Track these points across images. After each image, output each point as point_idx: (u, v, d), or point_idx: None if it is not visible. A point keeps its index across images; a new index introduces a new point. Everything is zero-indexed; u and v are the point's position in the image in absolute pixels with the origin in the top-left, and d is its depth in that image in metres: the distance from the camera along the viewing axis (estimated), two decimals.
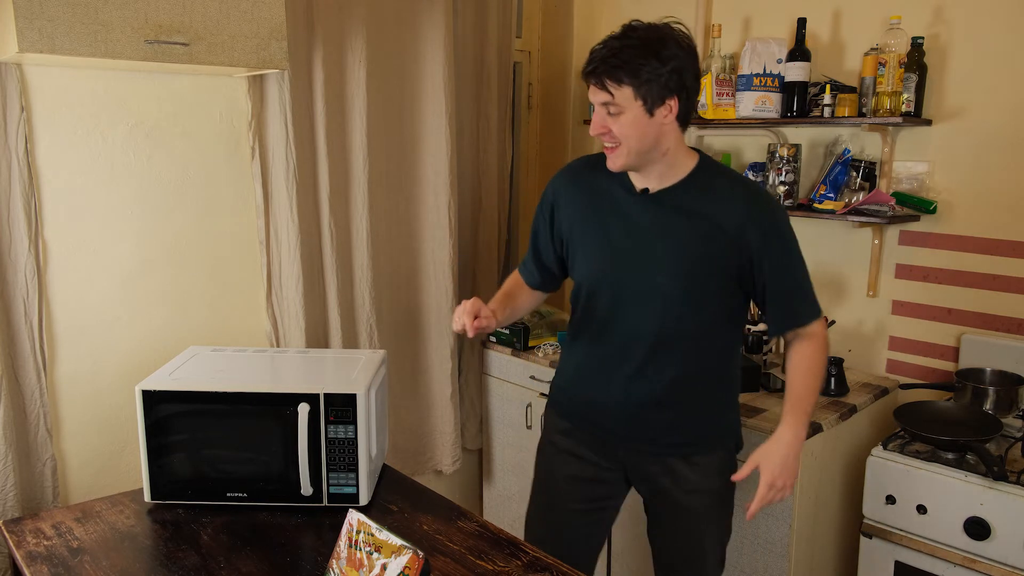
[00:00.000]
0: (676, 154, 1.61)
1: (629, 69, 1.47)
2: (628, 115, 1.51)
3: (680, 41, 1.52)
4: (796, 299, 1.67)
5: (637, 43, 1.48)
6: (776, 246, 1.63)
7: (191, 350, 1.81)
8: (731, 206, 1.60)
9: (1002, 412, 2.19)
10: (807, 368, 1.68)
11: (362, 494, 1.58)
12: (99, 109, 2.10)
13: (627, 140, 1.54)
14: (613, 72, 1.48)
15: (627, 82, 1.49)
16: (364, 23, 2.45)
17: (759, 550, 2.23)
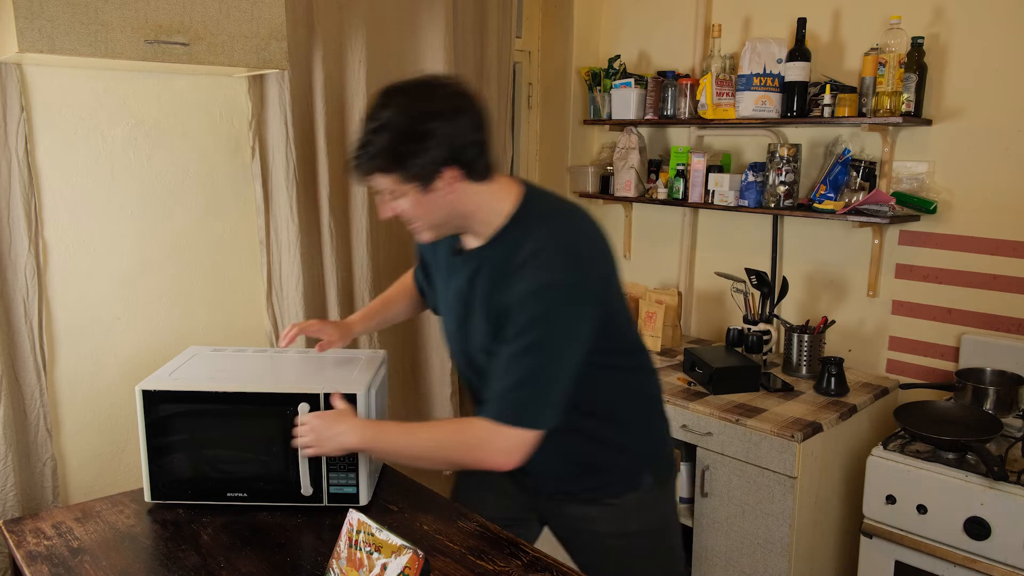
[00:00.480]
0: (486, 211, 1.41)
1: (385, 160, 1.33)
2: (407, 198, 1.37)
3: (440, 107, 1.33)
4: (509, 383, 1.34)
5: (389, 127, 1.32)
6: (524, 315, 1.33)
7: (191, 350, 1.81)
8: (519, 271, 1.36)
9: (1002, 412, 2.19)
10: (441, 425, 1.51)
11: (362, 494, 1.58)
12: (99, 109, 2.10)
13: (420, 220, 1.41)
14: (370, 167, 1.35)
15: (388, 172, 1.34)
16: (364, 23, 2.45)
17: (759, 550, 2.23)
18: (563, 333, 1.34)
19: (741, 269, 2.65)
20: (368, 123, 1.34)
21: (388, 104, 1.34)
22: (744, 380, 2.41)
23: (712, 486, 2.33)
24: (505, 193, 1.43)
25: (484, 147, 1.38)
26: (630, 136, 3.02)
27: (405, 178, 1.34)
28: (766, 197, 2.61)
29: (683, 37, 2.98)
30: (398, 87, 1.36)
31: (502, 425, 1.33)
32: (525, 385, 1.33)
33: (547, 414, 1.35)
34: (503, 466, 1.34)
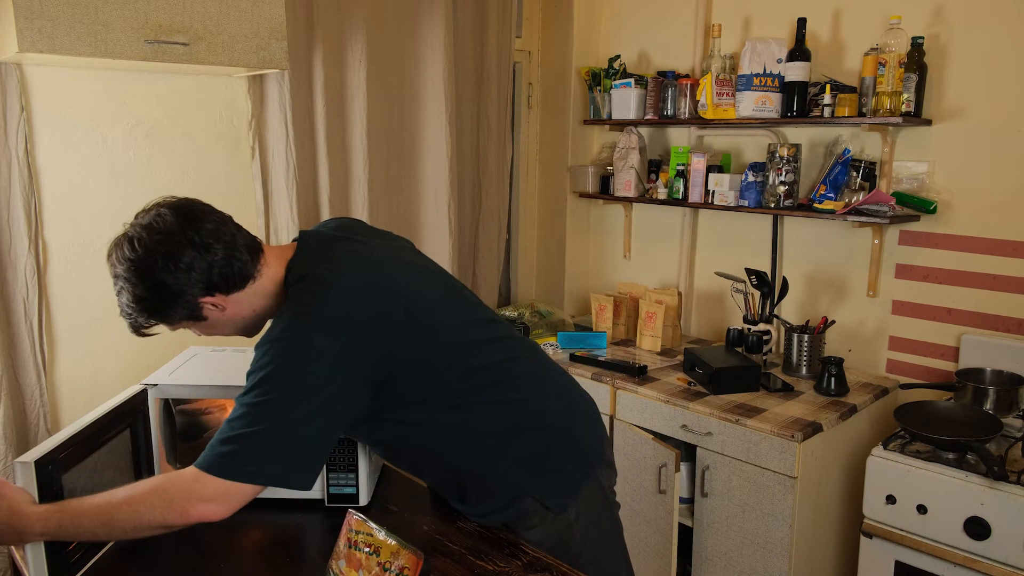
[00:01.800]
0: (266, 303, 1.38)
1: (145, 317, 1.31)
2: (195, 328, 1.37)
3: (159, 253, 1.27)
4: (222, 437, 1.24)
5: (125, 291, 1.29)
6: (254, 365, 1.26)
7: (191, 350, 1.81)
8: None
9: (1002, 412, 2.19)
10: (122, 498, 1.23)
11: (362, 494, 1.58)
12: (99, 109, 2.10)
13: (221, 335, 1.40)
14: (136, 328, 1.34)
15: (154, 324, 1.33)
16: (364, 23, 2.46)
17: (759, 550, 2.23)
18: (281, 383, 1.23)
19: (741, 269, 2.65)
20: (114, 283, 1.31)
21: (115, 265, 1.30)
22: (744, 380, 2.41)
23: (712, 486, 2.33)
24: (271, 282, 1.37)
25: (228, 260, 1.30)
26: (630, 136, 3.01)
27: (172, 323, 1.34)
28: (766, 197, 2.61)
29: (683, 37, 2.98)
30: (117, 240, 1.32)
31: (203, 474, 1.22)
32: (234, 434, 1.23)
33: (258, 470, 1.23)
34: (204, 518, 1.22)
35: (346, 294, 1.31)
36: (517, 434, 1.48)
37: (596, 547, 1.56)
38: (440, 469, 1.51)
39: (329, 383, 1.26)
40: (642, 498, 2.38)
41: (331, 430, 1.31)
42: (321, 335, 1.26)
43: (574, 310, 3.40)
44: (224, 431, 1.24)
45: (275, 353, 1.25)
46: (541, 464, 1.50)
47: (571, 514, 1.50)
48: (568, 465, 1.53)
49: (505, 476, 1.48)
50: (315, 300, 1.30)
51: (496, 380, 1.46)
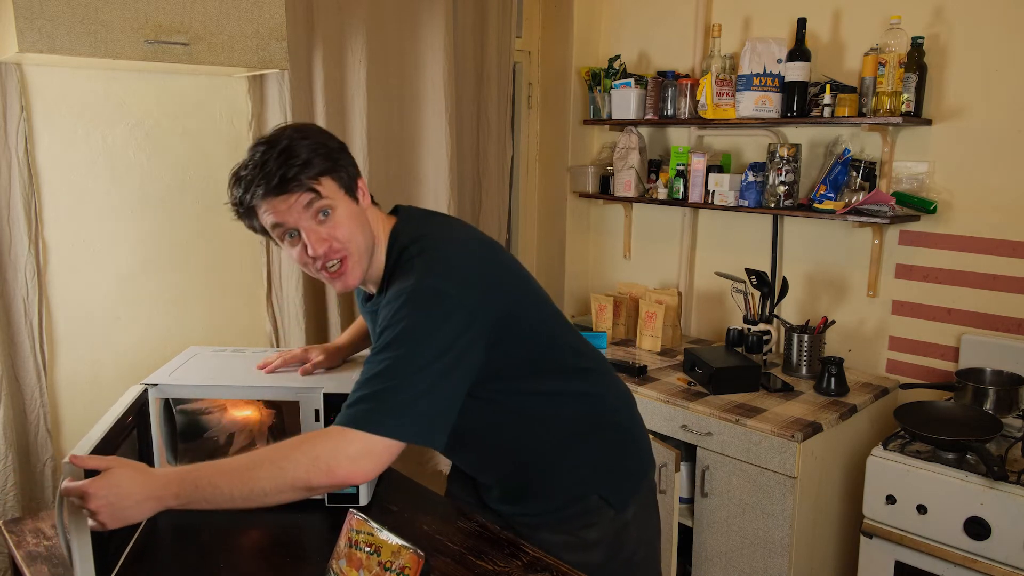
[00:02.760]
0: (379, 238, 1.38)
1: (323, 160, 1.27)
2: (342, 209, 1.29)
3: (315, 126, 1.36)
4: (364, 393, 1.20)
5: (301, 141, 1.27)
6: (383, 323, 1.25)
7: (191, 350, 1.80)
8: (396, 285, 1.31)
9: (1002, 412, 2.19)
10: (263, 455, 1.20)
11: (362, 494, 1.58)
12: (99, 109, 2.10)
13: (353, 241, 1.31)
14: (306, 168, 1.25)
15: (325, 173, 1.27)
16: (364, 23, 2.46)
17: (759, 550, 2.23)
18: (421, 336, 1.21)
19: (741, 269, 2.65)
20: (269, 150, 1.26)
21: (279, 134, 1.29)
22: (744, 380, 2.41)
23: (712, 486, 2.33)
24: (385, 224, 1.39)
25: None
26: (630, 136, 3.02)
27: (339, 182, 1.30)
28: (766, 197, 2.61)
29: (683, 37, 2.98)
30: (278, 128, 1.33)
31: (349, 430, 1.17)
32: (375, 389, 1.19)
33: (402, 424, 1.18)
34: (349, 477, 1.17)
35: (470, 250, 1.34)
36: (594, 430, 1.50)
37: (647, 547, 1.59)
38: (510, 464, 1.50)
39: (462, 335, 1.24)
40: None
41: (464, 386, 1.27)
42: (454, 286, 1.25)
43: (574, 310, 3.40)
44: (364, 386, 1.20)
45: (410, 307, 1.23)
46: (610, 462, 1.51)
47: (630, 513, 1.52)
48: (632, 464, 1.57)
49: (575, 472, 1.49)
50: (442, 254, 1.30)
51: (583, 370, 1.49)
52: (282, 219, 1.28)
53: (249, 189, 1.27)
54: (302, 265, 1.34)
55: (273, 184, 1.25)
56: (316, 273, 1.34)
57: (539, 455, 1.47)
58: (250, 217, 1.32)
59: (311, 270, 1.34)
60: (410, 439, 1.20)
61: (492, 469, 1.56)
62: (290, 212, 1.27)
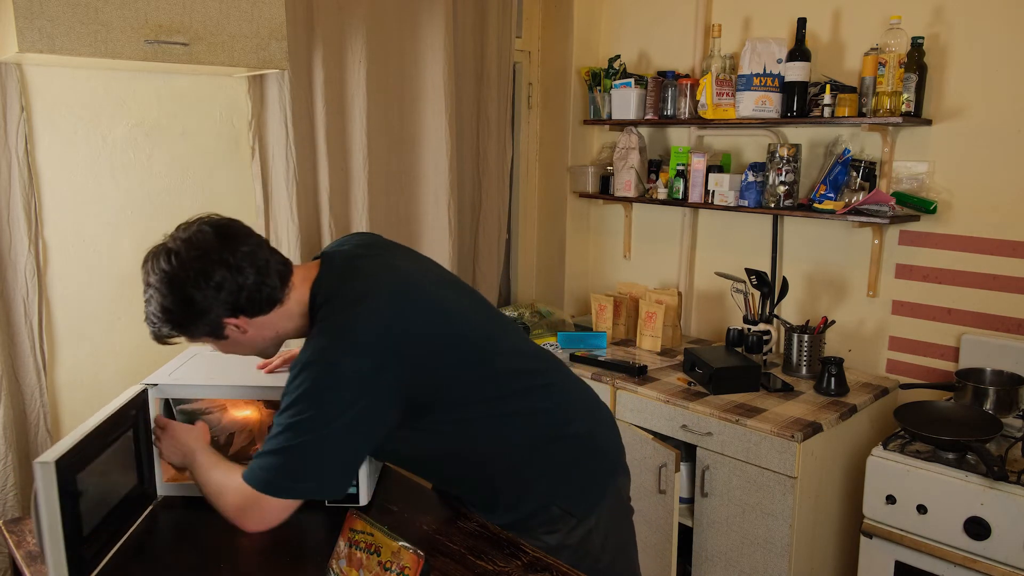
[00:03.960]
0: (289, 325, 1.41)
1: (169, 327, 1.34)
2: (217, 346, 1.41)
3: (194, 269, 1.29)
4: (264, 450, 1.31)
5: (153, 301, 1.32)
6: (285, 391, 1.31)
7: (191, 350, 1.80)
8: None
9: (1002, 412, 2.19)
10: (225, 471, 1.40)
11: (362, 494, 1.58)
12: (99, 109, 2.10)
13: (241, 354, 1.46)
14: (159, 338, 1.38)
15: (177, 335, 1.36)
16: (364, 23, 2.46)
17: (759, 550, 2.23)
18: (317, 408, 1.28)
19: (741, 269, 2.65)
20: (144, 290, 1.34)
21: (148, 273, 1.33)
22: (744, 380, 2.41)
23: (712, 486, 2.33)
24: (296, 304, 1.39)
25: (258, 285, 1.33)
26: (630, 136, 3.01)
27: (194, 338, 1.37)
28: (766, 197, 2.61)
29: (683, 37, 2.98)
30: (155, 251, 1.34)
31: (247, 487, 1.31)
32: (275, 452, 1.29)
33: (299, 486, 1.30)
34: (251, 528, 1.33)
35: (376, 313, 1.34)
36: (546, 444, 1.50)
37: (614, 552, 1.58)
38: (473, 479, 1.53)
39: (361, 399, 1.29)
40: (642, 498, 2.38)
41: (366, 444, 1.36)
42: (353, 357, 1.29)
43: (574, 310, 3.40)
44: (266, 445, 1.30)
45: (308, 375, 1.28)
46: (568, 472, 1.52)
47: (593, 520, 1.52)
48: (592, 473, 1.56)
49: (536, 485, 1.50)
50: (345, 320, 1.33)
51: (523, 390, 1.49)
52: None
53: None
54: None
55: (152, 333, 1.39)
56: None
57: (496, 471, 1.50)
58: None
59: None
60: (300, 497, 1.33)
61: (457, 485, 1.60)
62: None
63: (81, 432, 1.32)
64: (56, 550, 1.23)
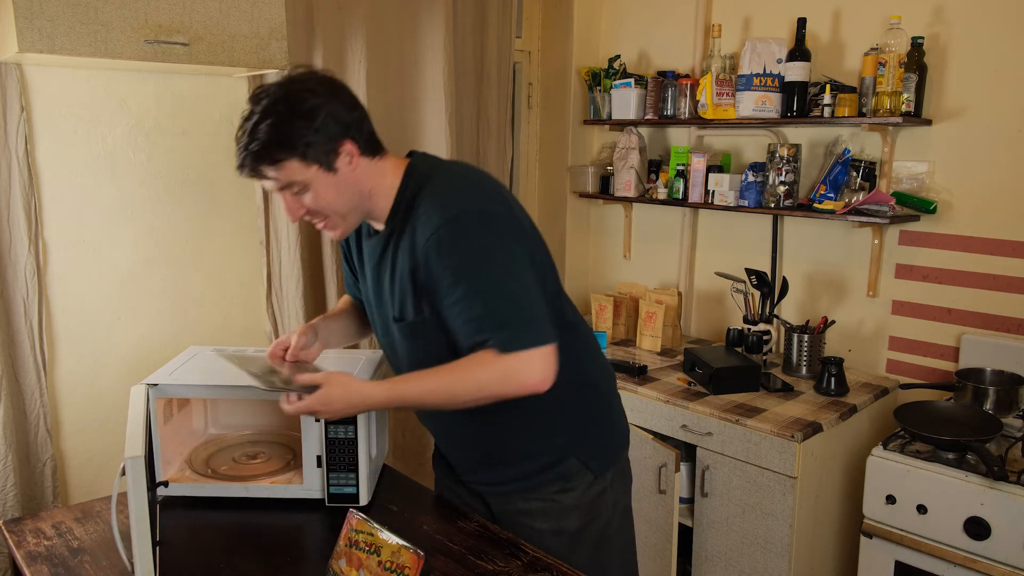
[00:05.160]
0: (385, 187, 1.41)
1: (278, 146, 1.28)
2: (316, 185, 1.33)
3: (314, 86, 1.32)
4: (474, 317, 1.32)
5: (270, 113, 1.29)
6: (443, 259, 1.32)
7: (191, 350, 1.80)
8: (418, 224, 1.36)
9: (1002, 412, 2.19)
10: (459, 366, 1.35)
11: (362, 494, 1.58)
12: (99, 109, 2.10)
13: (330, 208, 1.36)
14: (262, 157, 1.29)
15: (285, 157, 1.29)
16: (364, 23, 2.45)
17: (759, 550, 2.23)
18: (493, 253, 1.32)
19: (741, 269, 2.65)
20: (245, 122, 1.30)
21: (260, 99, 1.31)
22: (744, 380, 2.41)
23: (712, 486, 2.33)
24: (395, 167, 1.43)
25: (368, 121, 1.39)
26: (630, 136, 3.01)
27: (305, 161, 1.30)
28: (766, 197, 2.61)
29: (683, 37, 2.98)
30: (264, 86, 1.34)
31: (511, 353, 1.29)
32: (489, 310, 1.30)
33: (538, 328, 1.31)
34: (539, 387, 1.31)
35: (492, 180, 1.43)
36: (577, 389, 1.50)
37: (622, 519, 1.60)
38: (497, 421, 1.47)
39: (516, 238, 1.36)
40: (642, 498, 2.38)
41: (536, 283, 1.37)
42: (493, 204, 1.35)
43: None
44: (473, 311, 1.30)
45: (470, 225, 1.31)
46: (588, 426, 1.54)
47: (607, 480, 1.55)
48: (612, 434, 1.59)
49: (558, 432, 1.50)
50: (468, 181, 1.41)
51: (571, 323, 1.51)
52: (265, 188, 1.38)
53: (237, 159, 1.33)
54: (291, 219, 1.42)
55: (241, 168, 1.33)
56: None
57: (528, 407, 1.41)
58: None
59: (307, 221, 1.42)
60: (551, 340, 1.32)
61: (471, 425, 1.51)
62: (265, 185, 1.35)
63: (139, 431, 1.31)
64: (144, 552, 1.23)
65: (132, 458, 1.21)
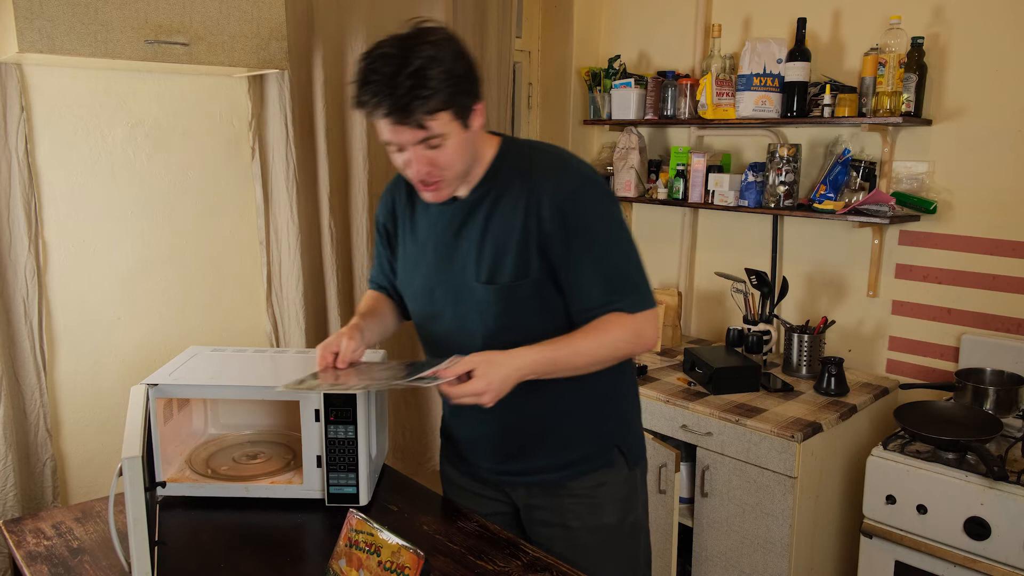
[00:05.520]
0: (483, 153, 1.44)
1: (445, 96, 1.27)
2: (451, 140, 1.32)
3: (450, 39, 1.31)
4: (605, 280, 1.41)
5: (438, 62, 1.26)
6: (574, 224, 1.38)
7: (191, 350, 1.80)
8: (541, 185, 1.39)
9: (1002, 412, 2.19)
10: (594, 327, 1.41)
11: (362, 494, 1.58)
12: (99, 109, 2.10)
13: (452, 168, 1.36)
14: (428, 105, 1.26)
15: (444, 108, 1.28)
16: (364, 23, 2.45)
17: (759, 550, 2.23)
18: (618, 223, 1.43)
19: (741, 269, 2.65)
20: (404, 63, 1.25)
21: (415, 43, 1.27)
22: (744, 380, 2.41)
23: (712, 486, 2.33)
24: (490, 138, 1.47)
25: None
26: (630, 136, 3.01)
27: (455, 116, 1.31)
28: (766, 197, 2.61)
29: (683, 37, 2.98)
30: (414, 33, 1.29)
31: (637, 314, 1.42)
32: (620, 272, 1.42)
33: (651, 292, 1.47)
34: (654, 346, 1.48)
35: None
36: (621, 371, 1.57)
37: (644, 511, 1.64)
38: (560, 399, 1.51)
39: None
40: None
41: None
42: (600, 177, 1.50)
43: None
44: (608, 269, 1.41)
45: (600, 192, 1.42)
46: (628, 414, 1.61)
47: (639, 473, 1.60)
48: (639, 426, 1.65)
49: (609, 416, 1.56)
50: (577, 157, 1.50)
51: None
52: (395, 140, 1.33)
53: (371, 103, 1.28)
54: (398, 170, 1.43)
55: (395, 111, 1.28)
56: (410, 178, 1.40)
57: (584, 390, 1.50)
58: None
59: (407, 175, 1.41)
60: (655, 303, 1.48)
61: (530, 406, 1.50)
62: (402, 136, 1.32)
63: (138, 431, 1.31)
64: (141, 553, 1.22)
65: (129, 458, 1.21)
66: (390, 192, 1.63)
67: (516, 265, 1.41)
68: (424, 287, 1.54)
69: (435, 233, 1.50)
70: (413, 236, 1.56)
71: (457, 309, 1.49)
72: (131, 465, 1.21)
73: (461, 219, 1.46)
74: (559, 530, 1.55)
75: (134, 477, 1.21)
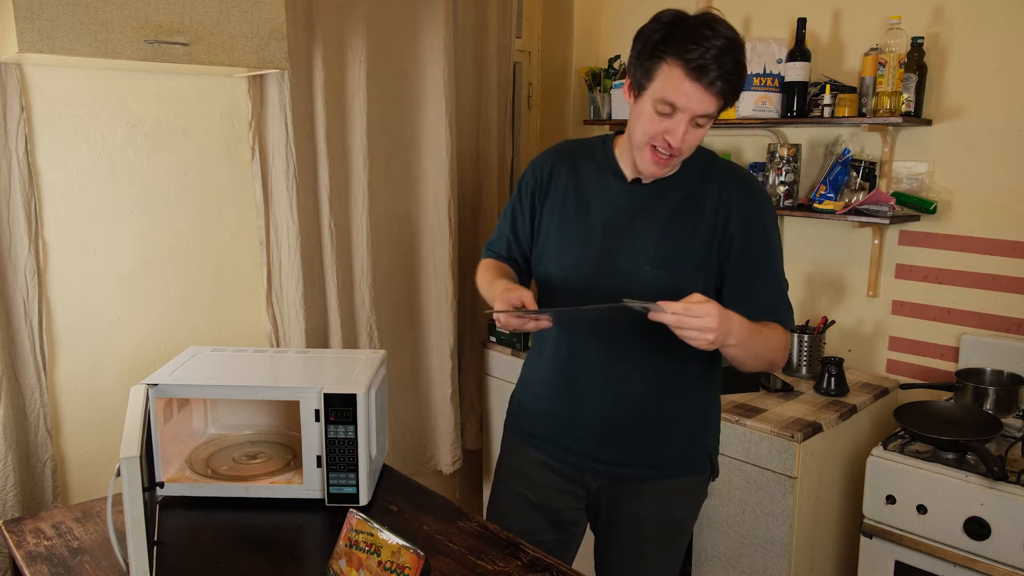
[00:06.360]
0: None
1: (740, 91, 1.40)
2: (707, 127, 1.43)
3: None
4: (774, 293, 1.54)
5: (741, 50, 1.37)
6: (758, 236, 1.50)
7: (191, 350, 1.81)
8: (729, 189, 1.50)
9: (1002, 412, 2.19)
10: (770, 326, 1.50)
11: (362, 494, 1.58)
12: (99, 109, 2.10)
13: (689, 150, 1.45)
14: (737, 90, 1.38)
15: (736, 101, 1.43)
16: (364, 23, 2.45)
17: (759, 550, 2.23)
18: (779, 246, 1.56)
19: None
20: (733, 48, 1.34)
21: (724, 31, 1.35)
22: (744, 380, 2.41)
23: (712, 486, 2.32)
24: None
25: None
26: None
27: (727, 107, 1.42)
28: None
29: None
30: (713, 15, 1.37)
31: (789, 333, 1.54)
32: (783, 291, 1.54)
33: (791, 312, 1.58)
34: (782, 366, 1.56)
35: None
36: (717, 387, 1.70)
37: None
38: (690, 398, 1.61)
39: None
40: None
41: None
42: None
43: None
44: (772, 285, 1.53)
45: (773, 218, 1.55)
46: (719, 429, 1.72)
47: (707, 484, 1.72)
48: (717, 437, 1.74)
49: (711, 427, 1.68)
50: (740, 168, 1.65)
51: None
52: (683, 106, 1.36)
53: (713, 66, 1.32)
54: (646, 132, 1.43)
55: (720, 83, 1.34)
56: (647, 144, 1.43)
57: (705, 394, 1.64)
58: (646, 71, 1.39)
59: (648, 138, 1.43)
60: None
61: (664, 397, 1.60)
62: (693, 107, 1.36)
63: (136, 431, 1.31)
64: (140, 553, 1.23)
65: (127, 458, 1.21)
66: (549, 162, 1.63)
67: (695, 257, 1.49)
68: (579, 261, 1.55)
69: (610, 212, 1.54)
70: (577, 210, 1.57)
71: (614, 288, 1.47)
72: (129, 465, 1.21)
73: (642, 202, 1.53)
74: (628, 517, 1.64)
75: (132, 477, 1.21)
